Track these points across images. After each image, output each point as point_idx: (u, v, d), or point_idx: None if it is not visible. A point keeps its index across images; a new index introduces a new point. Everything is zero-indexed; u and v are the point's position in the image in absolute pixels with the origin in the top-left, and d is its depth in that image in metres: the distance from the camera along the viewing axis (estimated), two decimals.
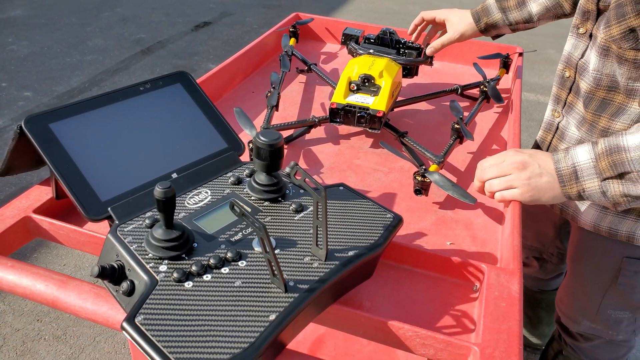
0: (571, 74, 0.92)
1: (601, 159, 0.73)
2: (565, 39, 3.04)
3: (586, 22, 0.87)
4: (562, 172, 0.76)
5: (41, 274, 0.60)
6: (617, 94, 0.83)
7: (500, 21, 1.11)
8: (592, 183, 0.74)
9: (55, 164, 0.59)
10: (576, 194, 0.75)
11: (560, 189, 0.76)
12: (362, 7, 4.84)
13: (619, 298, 1.03)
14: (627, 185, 0.72)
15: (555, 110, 0.98)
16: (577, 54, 0.90)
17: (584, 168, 0.74)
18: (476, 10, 1.14)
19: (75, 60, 3.46)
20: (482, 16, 1.13)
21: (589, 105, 0.87)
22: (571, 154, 0.76)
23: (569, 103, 0.94)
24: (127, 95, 0.68)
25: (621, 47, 0.78)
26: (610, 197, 0.74)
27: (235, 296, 0.52)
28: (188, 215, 0.61)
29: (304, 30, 1.54)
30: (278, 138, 0.62)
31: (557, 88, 0.97)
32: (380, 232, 0.62)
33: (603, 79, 0.84)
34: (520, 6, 1.09)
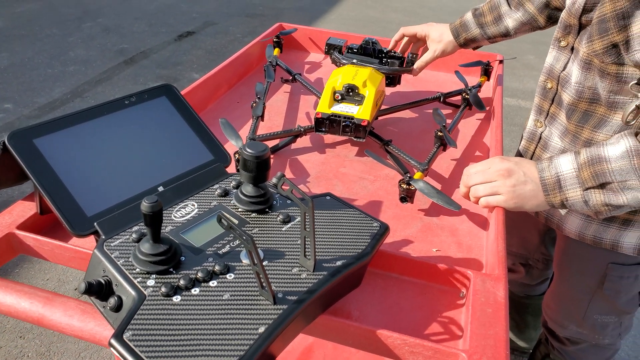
0: (553, 86, 0.93)
1: (583, 169, 0.74)
2: (543, 45, 3.10)
3: (568, 36, 0.88)
4: (546, 182, 0.77)
5: (25, 291, 0.59)
6: (599, 106, 0.84)
7: (479, 36, 1.14)
8: (574, 192, 0.75)
9: (39, 179, 0.58)
10: (559, 203, 0.77)
11: (544, 198, 0.78)
12: (344, 16, 4.87)
13: (605, 303, 1.05)
14: (608, 195, 0.73)
15: (538, 121, 0.99)
16: (559, 67, 0.91)
17: (567, 178, 0.76)
18: (455, 26, 1.16)
19: (57, 71, 3.43)
20: (460, 32, 1.15)
21: (572, 117, 0.88)
22: (555, 163, 0.77)
23: (552, 114, 0.95)
24: (112, 109, 0.68)
25: (603, 62, 0.79)
26: (592, 206, 0.75)
27: (224, 309, 0.52)
28: (175, 228, 0.61)
29: (288, 40, 1.55)
30: (264, 150, 0.63)
31: (539, 99, 0.98)
32: (367, 241, 0.63)
33: (585, 92, 0.85)
34: (497, 22, 1.12)
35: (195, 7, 4.83)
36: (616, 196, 0.73)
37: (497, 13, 1.11)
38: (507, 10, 1.10)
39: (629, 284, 1.01)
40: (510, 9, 1.10)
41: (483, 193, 0.80)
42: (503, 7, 1.11)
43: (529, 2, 1.07)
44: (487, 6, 1.14)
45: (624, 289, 1.02)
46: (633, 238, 0.92)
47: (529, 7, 1.07)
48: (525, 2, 1.07)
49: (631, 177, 0.71)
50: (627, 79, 0.78)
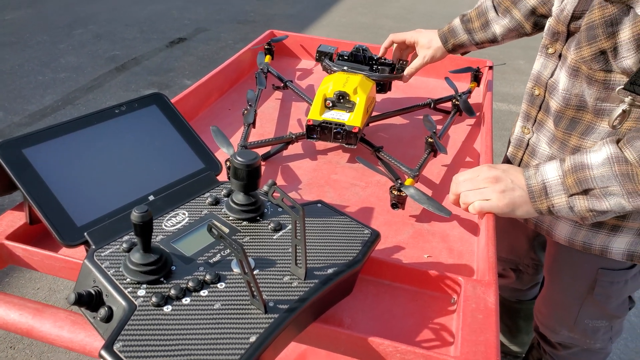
0: (541, 92, 0.93)
1: (567, 176, 0.76)
2: (533, 50, 3.13)
3: (555, 43, 0.88)
4: (532, 188, 0.78)
5: (15, 302, 0.59)
6: (585, 113, 0.84)
7: (467, 41, 1.16)
8: (560, 199, 0.76)
9: (29, 190, 0.58)
10: (546, 209, 0.78)
11: (531, 205, 0.79)
12: (335, 22, 4.89)
13: (596, 308, 1.06)
14: (591, 201, 0.74)
15: (525, 127, 1.00)
16: (547, 74, 0.91)
17: (553, 184, 0.77)
18: (443, 32, 1.17)
19: (48, 78, 3.41)
20: (449, 38, 1.16)
21: (559, 124, 0.89)
22: (541, 170, 0.79)
23: (539, 120, 0.96)
24: (102, 118, 0.68)
25: (591, 68, 0.79)
26: (577, 212, 0.76)
27: (215, 319, 0.52)
28: (166, 237, 0.61)
29: (279, 47, 1.56)
30: (255, 158, 0.63)
31: (526, 105, 0.99)
32: (358, 249, 0.63)
33: (572, 99, 0.85)
34: (484, 28, 1.13)
35: (187, 14, 4.83)
36: (599, 202, 0.74)
37: (485, 19, 1.13)
38: (495, 16, 1.12)
39: (619, 289, 1.02)
40: (497, 16, 1.11)
41: (473, 199, 0.81)
42: (490, 13, 1.12)
43: (516, 9, 1.08)
44: (475, 12, 1.15)
45: (614, 293, 1.03)
46: (622, 243, 0.92)
47: (515, 14, 1.08)
48: (512, 9, 1.09)
49: (612, 183, 0.72)
50: (614, 86, 0.78)
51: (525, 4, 1.06)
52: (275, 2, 5.37)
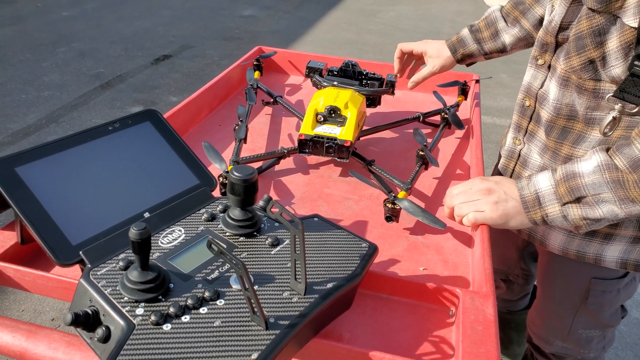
0: (531, 103, 0.94)
1: (560, 185, 0.76)
2: (515, 64, 3.18)
3: (545, 54, 0.90)
4: (526, 199, 0.79)
5: (7, 324, 0.57)
6: (576, 122, 0.85)
7: (476, 51, 1.17)
8: (553, 208, 0.77)
9: (22, 209, 0.57)
10: (540, 219, 0.79)
11: (525, 215, 0.79)
12: (320, 38, 4.94)
13: (589, 317, 1.06)
14: (584, 209, 0.75)
15: (517, 138, 1.00)
16: (537, 84, 0.92)
17: (546, 194, 0.78)
18: (452, 42, 1.19)
19: (31, 96, 3.38)
20: (458, 48, 1.18)
21: (550, 134, 0.90)
22: (534, 181, 0.79)
23: (530, 131, 0.96)
24: (96, 136, 0.67)
25: (581, 78, 0.81)
26: (571, 220, 0.77)
27: (215, 336, 0.51)
28: (162, 255, 0.60)
29: (268, 63, 1.56)
30: (252, 173, 0.63)
31: (517, 117, 0.99)
32: (357, 262, 0.63)
33: (563, 109, 0.86)
34: (494, 37, 1.15)
35: (172, 31, 4.84)
36: (592, 210, 0.74)
37: (494, 29, 1.14)
38: (504, 26, 1.13)
39: (612, 298, 1.03)
40: (507, 25, 1.13)
41: (467, 211, 0.81)
42: (500, 23, 1.14)
43: (524, 19, 1.09)
44: (484, 22, 1.16)
45: (607, 302, 1.03)
46: (615, 252, 0.93)
47: (524, 24, 1.10)
48: (520, 19, 1.10)
49: (604, 190, 0.72)
50: (603, 94, 0.80)
51: (533, 14, 1.08)
52: (260, 19, 5.41)
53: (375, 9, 6.05)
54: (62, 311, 1.82)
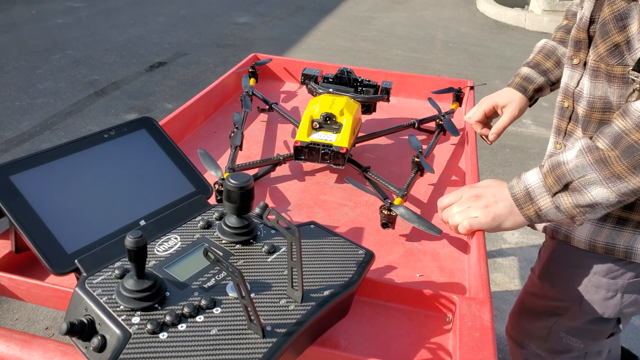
0: (569, 104, 0.94)
1: (547, 177, 0.78)
2: (508, 70, 3.20)
3: (579, 52, 0.90)
4: (517, 196, 0.80)
5: (1, 334, 0.57)
6: (611, 113, 0.85)
7: (544, 83, 1.15)
8: (544, 200, 0.78)
9: (17, 217, 0.57)
10: (534, 215, 0.79)
11: (519, 213, 0.80)
12: (314, 45, 4.96)
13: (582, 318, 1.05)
14: (574, 195, 0.76)
15: (557, 142, 0.99)
16: (573, 84, 0.92)
17: (535, 188, 0.79)
18: (517, 83, 1.17)
19: (25, 104, 3.37)
20: (527, 85, 1.16)
21: (587, 128, 0.89)
22: (523, 178, 0.81)
23: (569, 132, 0.96)
24: (91, 143, 0.67)
25: (609, 64, 0.81)
26: (564, 210, 0.77)
27: (212, 345, 0.51)
28: (158, 263, 0.60)
29: (263, 70, 1.57)
30: (248, 180, 0.63)
31: (557, 120, 0.98)
32: (353, 269, 0.63)
33: (596, 102, 0.86)
34: (558, 65, 1.13)
35: (167, 38, 4.84)
36: (582, 195, 0.75)
37: (556, 57, 1.13)
38: (564, 51, 1.11)
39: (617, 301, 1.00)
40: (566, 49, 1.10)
41: (460, 219, 0.82)
42: (559, 49, 1.13)
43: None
44: (541, 56, 1.15)
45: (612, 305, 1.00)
46: None
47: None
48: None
49: (587, 171, 0.73)
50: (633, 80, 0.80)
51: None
52: (254, 26, 5.43)
53: (369, 16, 6.09)
54: (56, 320, 1.81)
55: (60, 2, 5.68)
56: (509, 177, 2.89)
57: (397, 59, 4.55)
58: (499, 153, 3.13)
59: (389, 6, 6.60)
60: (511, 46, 5.17)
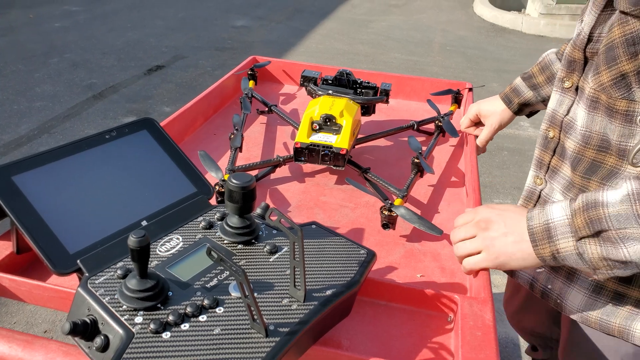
0: (555, 134, 0.82)
1: (577, 215, 0.64)
2: (506, 73, 3.20)
3: (572, 74, 0.78)
4: (534, 230, 0.67)
5: (3, 334, 0.57)
6: (608, 155, 0.72)
7: (533, 98, 1.06)
8: (566, 243, 0.65)
9: (19, 218, 0.57)
10: (550, 256, 0.67)
11: (532, 251, 0.68)
12: (312, 48, 4.97)
13: None
14: (605, 246, 0.62)
15: (538, 177, 0.87)
16: (562, 111, 0.80)
17: (558, 225, 0.66)
18: (505, 93, 1.11)
19: (23, 107, 3.36)
20: (512, 98, 1.09)
21: (577, 167, 0.77)
22: (547, 210, 0.68)
23: (553, 167, 0.83)
24: (93, 144, 0.67)
25: (611, 97, 0.69)
26: (588, 260, 0.64)
27: (215, 344, 0.51)
28: (161, 263, 0.60)
29: (262, 73, 1.57)
30: (250, 180, 0.63)
31: (539, 151, 0.86)
32: (355, 269, 0.63)
33: (593, 137, 0.73)
34: (551, 81, 1.02)
35: (164, 41, 4.85)
36: (615, 248, 0.62)
37: (550, 72, 1.02)
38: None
39: None
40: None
41: (462, 253, 0.73)
42: (556, 65, 1.01)
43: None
44: (537, 67, 1.05)
45: None
46: None
47: None
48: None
49: (631, 224, 0.60)
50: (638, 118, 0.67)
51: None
52: (252, 29, 5.44)
53: (367, 19, 6.11)
54: (54, 323, 1.81)
55: (58, 6, 5.68)
56: (507, 180, 2.90)
57: (395, 62, 4.57)
58: (497, 155, 3.14)
59: (387, 9, 6.62)
60: (508, 49, 5.18)
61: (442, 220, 0.96)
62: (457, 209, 0.99)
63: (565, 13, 5.98)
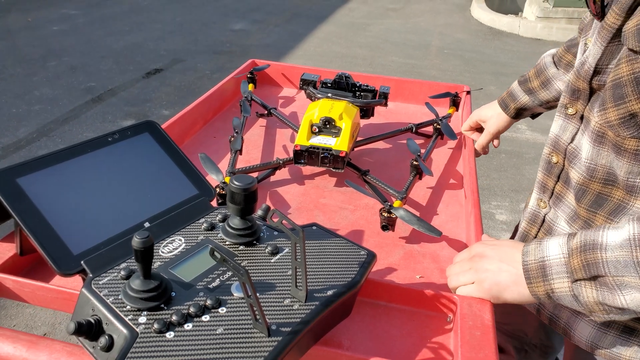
0: (559, 160, 0.79)
1: (574, 256, 0.62)
2: (504, 76, 3.21)
3: (576, 102, 0.74)
4: (528, 267, 0.65)
5: (7, 335, 0.57)
6: (615, 189, 0.70)
7: (529, 103, 1.06)
8: (561, 283, 0.63)
9: (24, 219, 0.57)
10: (544, 294, 0.64)
11: (526, 287, 0.66)
12: (310, 51, 4.98)
13: None
14: (602, 291, 0.60)
15: (541, 200, 0.84)
16: (566, 138, 0.77)
17: (554, 264, 0.63)
18: (502, 98, 1.10)
19: (22, 110, 3.37)
20: (509, 102, 1.09)
21: (582, 199, 0.74)
22: (543, 245, 0.66)
23: (557, 193, 0.81)
24: (96, 147, 0.68)
25: (619, 135, 0.65)
26: (583, 302, 0.62)
27: (218, 344, 0.51)
28: (163, 264, 0.61)
29: (261, 76, 1.58)
30: (252, 182, 0.63)
31: (543, 175, 0.83)
32: (356, 270, 0.64)
33: (598, 170, 0.70)
34: (545, 86, 1.02)
35: (163, 45, 4.86)
36: (612, 294, 0.59)
37: (545, 77, 1.02)
38: (555, 72, 1.00)
39: None
40: (558, 71, 1.00)
41: (455, 284, 0.71)
42: (550, 70, 1.01)
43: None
44: (533, 71, 1.05)
45: None
46: None
47: None
48: (573, 62, 0.95)
49: (629, 272, 0.57)
50: None
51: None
52: (251, 33, 5.46)
53: (365, 22, 6.13)
54: (54, 326, 1.81)
55: (56, 9, 5.69)
56: (504, 182, 2.92)
57: (393, 65, 4.58)
58: (495, 158, 3.15)
59: (384, 13, 6.64)
60: (505, 52, 5.21)
61: (441, 222, 0.97)
62: (455, 211, 1.00)
63: (562, 16, 6.01)
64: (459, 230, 0.95)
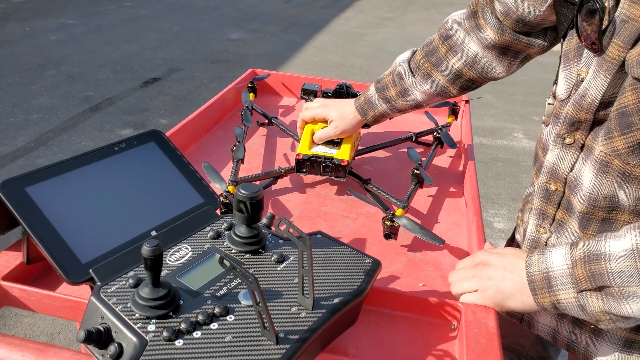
0: (559, 188, 0.76)
1: (578, 266, 0.62)
2: (500, 85, 3.22)
3: (575, 132, 0.72)
4: (533, 278, 0.65)
5: (16, 343, 0.57)
6: (620, 213, 0.69)
7: (387, 110, 1.02)
8: (567, 294, 0.63)
9: (32, 228, 0.58)
10: (550, 305, 0.65)
11: (531, 297, 0.66)
12: (307, 61, 5.01)
13: None
14: (608, 301, 0.60)
15: (541, 226, 0.81)
16: (565, 167, 0.74)
17: (558, 275, 0.64)
18: (360, 104, 1.04)
19: (20, 119, 3.37)
20: (367, 110, 1.03)
21: (588, 227, 0.72)
22: (547, 256, 0.66)
23: (559, 220, 0.78)
24: (102, 156, 0.69)
25: (628, 163, 0.64)
26: (590, 312, 0.63)
27: (227, 351, 0.52)
28: (171, 272, 0.61)
29: (261, 85, 1.59)
30: (258, 191, 0.64)
31: (541, 202, 0.80)
32: (362, 278, 0.64)
33: (601, 200, 0.69)
34: (403, 95, 0.98)
35: (160, 54, 4.87)
36: (618, 304, 0.60)
37: (402, 86, 0.97)
38: (413, 82, 0.96)
39: None
40: (415, 80, 0.96)
41: (458, 291, 0.71)
42: (407, 79, 0.96)
43: (438, 73, 0.93)
44: (390, 78, 0.99)
45: None
46: None
47: (437, 78, 0.94)
48: (433, 73, 0.94)
49: (634, 282, 0.58)
50: None
51: (449, 67, 0.92)
52: (248, 42, 5.48)
53: (361, 32, 6.17)
54: (53, 336, 1.80)
55: (54, 19, 5.70)
56: (502, 190, 2.93)
57: None
58: (492, 166, 3.17)
59: (380, 22, 6.69)
60: None
61: (442, 230, 0.98)
62: (456, 219, 1.01)
63: None
64: (460, 238, 0.95)
